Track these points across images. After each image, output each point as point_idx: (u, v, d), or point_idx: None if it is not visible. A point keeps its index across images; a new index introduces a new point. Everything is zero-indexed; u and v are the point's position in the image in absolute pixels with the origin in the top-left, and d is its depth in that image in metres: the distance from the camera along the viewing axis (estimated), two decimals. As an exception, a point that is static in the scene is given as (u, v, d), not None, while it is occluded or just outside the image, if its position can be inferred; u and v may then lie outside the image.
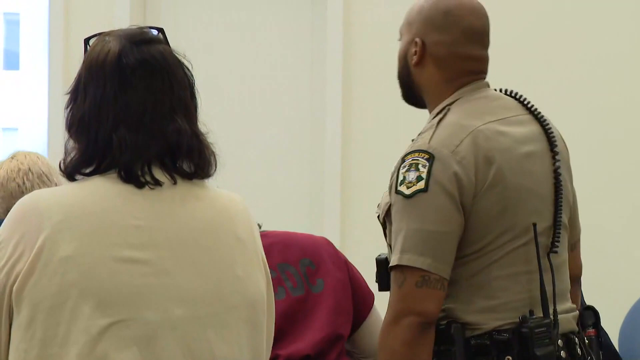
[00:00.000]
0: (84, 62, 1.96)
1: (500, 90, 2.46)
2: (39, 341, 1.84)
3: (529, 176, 2.32)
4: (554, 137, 2.38)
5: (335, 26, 4.82)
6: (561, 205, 2.36)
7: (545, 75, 4.89)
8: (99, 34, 2.00)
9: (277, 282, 2.92)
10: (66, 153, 1.96)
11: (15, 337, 1.86)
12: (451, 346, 2.29)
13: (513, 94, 2.43)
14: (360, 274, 2.75)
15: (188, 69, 2.00)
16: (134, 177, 1.91)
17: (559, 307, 2.34)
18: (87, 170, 1.92)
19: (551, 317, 2.30)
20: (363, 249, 3.10)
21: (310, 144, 4.79)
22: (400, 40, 2.45)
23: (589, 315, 2.45)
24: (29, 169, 3.10)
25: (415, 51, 2.37)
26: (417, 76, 2.40)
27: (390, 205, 2.32)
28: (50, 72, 5.05)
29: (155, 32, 2.03)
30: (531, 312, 2.28)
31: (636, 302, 4.59)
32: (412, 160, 2.26)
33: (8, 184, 3.11)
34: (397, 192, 2.27)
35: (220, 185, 2.03)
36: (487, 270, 2.30)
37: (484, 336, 2.28)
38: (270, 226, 2.73)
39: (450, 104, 2.35)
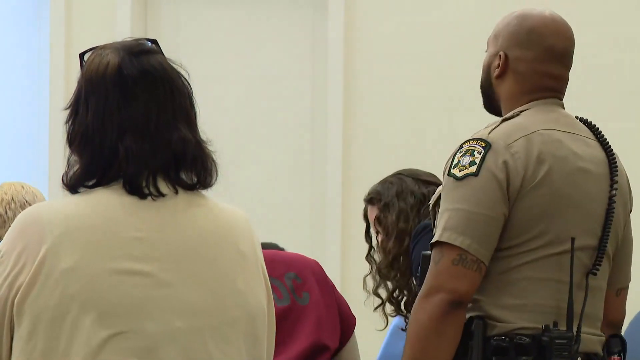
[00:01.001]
0: (82, 75, 1.96)
1: (578, 118, 2.51)
2: (40, 353, 1.83)
3: (579, 190, 2.36)
4: (616, 166, 2.42)
5: (337, 38, 4.90)
6: (609, 231, 2.38)
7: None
8: (94, 48, 2.01)
9: None
10: (68, 166, 1.96)
11: (17, 350, 1.86)
12: (470, 340, 2.31)
13: (587, 121, 2.48)
14: (344, 300, 2.76)
15: (185, 78, 2.00)
16: (138, 189, 1.91)
17: (586, 328, 2.35)
18: (90, 183, 1.92)
19: (574, 332, 2.31)
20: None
21: (311, 158, 4.80)
22: (486, 51, 2.53)
23: (616, 343, 2.46)
24: (12, 199, 3.25)
25: (499, 64, 2.44)
26: (498, 87, 2.46)
27: (437, 200, 2.41)
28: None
29: (149, 43, 2.04)
30: (555, 323, 2.29)
31: (637, 313, 4.55)
32: (470, 146, 2.33)
33: None
34: (449, 174, 2.33)
35: (220, 198, 2.03)
36: (519, 269, 2.32)
37: (504, 336, 2.30)
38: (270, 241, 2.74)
39: (522, 111, 2.41)
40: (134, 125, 1.92)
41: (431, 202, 2.50)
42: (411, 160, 3.68)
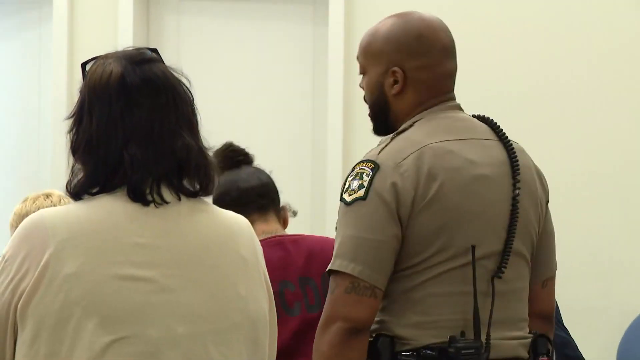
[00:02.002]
0: (85, 85, 1.97)
1: (477, 116, 2.43)
2: (43, 357, 1.84)
3: (477, 199, 2.30)
4: (517, 165, 2.35)
5: (336, 46, 4.81)
6: (514, 233, 2.33)
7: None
8: (96, 57, 2.01)
9: (295, 297, 2.86)
10: (72, 174, 1.96)
11: (20, 354, 1.86)
12: (377, 359, 2.27)
13: (486, 119, 2.41)
14: None
15: (187, 86, 2.00)
16: (142, 196, 1.91)
17: (504, 334, 2.32)
18: (94, 190, 1.93)
19: (482, 340, 2.27)
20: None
21: (312, 159, 4.79)
22: (364, 74, 2.42)
23: (543, 343, 2.41)
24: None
25: (395, 80, 2.35)
26: (396, 104, 2.38)
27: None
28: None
29: (149, 52, 2.03)
30: (462, 334, 2.26)
31: (633, 320, 4.60)
32: (359, 169, 2.28)
33: (13, 228, 3.29)
34: (341, 199, 2.29)
35: None
36: (423, 287, 2.28)
37: (411, 352, 2.26)
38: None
39: (415, 122, 2.34)
40: (138, 133, 1.92)
41: (336, 223, 2.44)
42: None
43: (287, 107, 5.03)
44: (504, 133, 2.39)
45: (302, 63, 5.00)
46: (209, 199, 2.05)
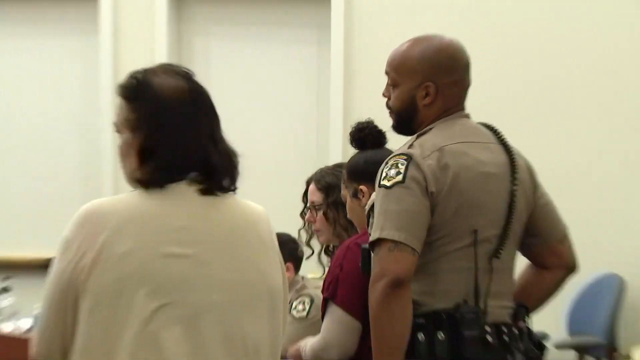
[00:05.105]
0: (153, 95, 2.03)
1: (482, 123, 2.62)
2: (101, 324, 1.94)
3: (483, 191, 2.50)
4: (516, 166, 2.54)
5: (337, 64, 5.06)
6: (511, 221, 2.53)
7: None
8: (144, 69, 2.08)
9: None
10: (139, 169, 2.02)
11: (82, 321, 1.96)
12: None
13: (489, 126, 2.61)
14: None
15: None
16: (201, 190, 2.01)
17: (495, 303, 2.51)
18: (157, 183, 2.01)
19: (482, 308, 2.46)
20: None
21: (316, 165, 4.58)
22: (395, 86, 2.58)
23: (522, 311, 2.60)
24: None
25: (427, 93, 2.53)
26: (424, 112, 2.56)
27: (373, 205, 2.50)
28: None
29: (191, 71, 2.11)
30: (465, 302, 2.46)
31: (581, 289, 4.87)
32: (394, 161, 2.48)
33: None
34: (380, 185, 2.47)
35: (241, 194, 2.10)
36: (437, 261, 2.48)
37: (422, 315, 2.46)
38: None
39: (431, 128, 2.53)
40: (197, 139, 2.03)
41: (367, 208, 2.60)
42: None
43: (295, 116, 5.21)
44: (504, 139, 2.58)
45: (308, 78, 5.22)
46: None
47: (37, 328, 2.07)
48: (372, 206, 2.51)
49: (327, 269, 3.02)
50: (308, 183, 3.27)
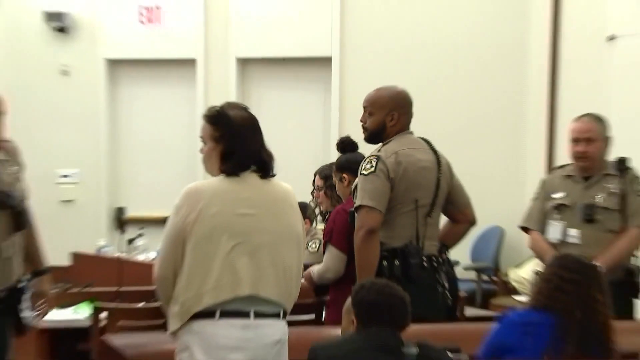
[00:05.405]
0: (231, 120, 2.36)
1: (420, 137, 3.11)
2: (199, 256, 2.29)
3: (422, 177, 2.97)
4: (440, 163, 3.05)
5: (335, 105, 6.40)
6: (437, 196, 3.02)
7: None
8: (220, 105, 2.41)
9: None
10: (223, 164, 2.38)
11: (187, 255, 2.30)
12: None
13: (425, 139, 3.09)
14: None
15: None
16: (260, 175, 2.35)
17: (428, 243, 2.98)
18: (235, 171, 2.37)
19: (420, 246, 2.95)
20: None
21: (322, 160, 5.38)
22: (371, 114, 3.06)
23: (444, 248, 3.11)
24: None
25: (392, 118, 3.04)
26: (389, 131, 3.05)
27: (356, 185, 2.96)
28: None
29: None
30: (411, 242, 2.95)
31: (483, 229, 5.84)
32: (369, 159, 2.97)
33: None
34: (361, 174, 2.93)
35: None
36: (393, 218, 2.95)
37: (385, 250, 2.92)
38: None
39: (391, 139, 3.05)
40: (257, 147, 2.42)
41: (352, 188, 3.08)
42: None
43: (309, 135, 6.46)
44: (433, 145, 3.05)
45: (316, 112, 6.54)
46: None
47: (158, 258, 2.38)
48: (356, 186, 2.99)
49: (325, 224, 3.48)
50: (315, 174, 3.87)
